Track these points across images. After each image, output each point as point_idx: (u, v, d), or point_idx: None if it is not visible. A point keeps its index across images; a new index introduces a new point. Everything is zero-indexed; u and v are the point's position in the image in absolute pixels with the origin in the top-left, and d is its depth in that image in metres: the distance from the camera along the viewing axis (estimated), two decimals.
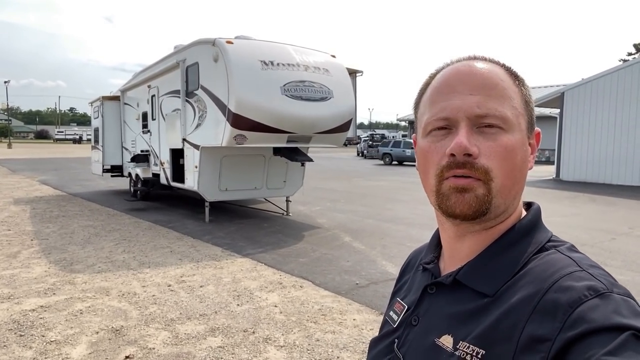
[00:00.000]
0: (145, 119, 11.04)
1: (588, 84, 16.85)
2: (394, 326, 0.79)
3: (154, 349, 3.54)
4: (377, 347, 0.81)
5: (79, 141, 68.71)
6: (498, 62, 0.74)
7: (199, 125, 8.15)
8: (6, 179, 16.78)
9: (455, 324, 0.68)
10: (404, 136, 38.45)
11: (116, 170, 13.32)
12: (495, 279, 0.67)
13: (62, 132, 79.00)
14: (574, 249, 0.70)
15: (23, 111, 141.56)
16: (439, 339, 0.68)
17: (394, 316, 0.81)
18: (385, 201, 11.58)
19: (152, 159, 10.85)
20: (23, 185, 14.69)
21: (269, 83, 7.23)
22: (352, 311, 4.35)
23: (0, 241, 6.98)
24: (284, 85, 7.30)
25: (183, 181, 9.02)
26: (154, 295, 4.70)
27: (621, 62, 28.97)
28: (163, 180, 10.20)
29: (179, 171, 9.27)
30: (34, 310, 4.28)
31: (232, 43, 7.30)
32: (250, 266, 5.80)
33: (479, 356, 0.62)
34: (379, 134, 38.33)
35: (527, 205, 0.77)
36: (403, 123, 59.02)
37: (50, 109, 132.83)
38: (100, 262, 5.92)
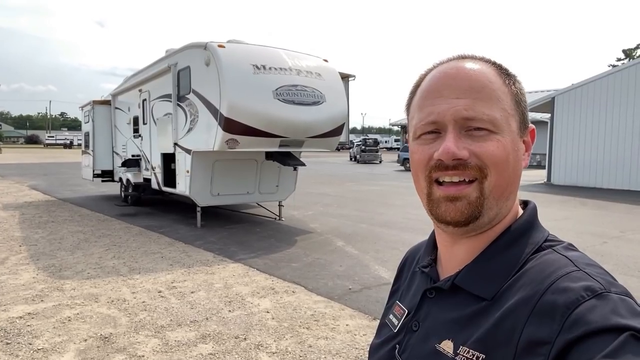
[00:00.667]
0: (136, 123, 10.98)
1: (578, 89, 17.03)
2: (395, 331, 0.79)
3: (143, 356, 3.48)
4: (379, 353, 0.81)
5: (69, 146, 68.34)
6: (488, 61, 0.73)
7: (190, 130, 8.10)
8: None
9: (455, 329, 0.67)
10: (396, 141, 38.53)
11: (107, 175, 13.24)
12: (493, 282, 0.67)
13: (53, 137, 78.93)
14: (571, 247, 0.69)
15: (13, 116, 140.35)
16: (440, 344, 0.68)
17: (394, 320, 0.81)
18: (378, 205, 11.58)
19: (143, 163, 10.78)
20: (12, 191, 14.52)
21: (261, 87, 7.21)
22: (345, 316, 4.32)
23: None
24: (276, 90, 7.28)
25: (174, 186, 8.96)
26: (144, 302, 4.64)
27: (611, 68, 29.35)
28: (154, 185, 10.14)
29: (170, 176, 9.21)
30: (21, 317, 4.20)
31: (224, 47, 7.28)
32: (242, 271, 5.75)
33: None
34: (371, 139, 38.41)
35: (524, 204, 0.77)
36: (396, 128, 59.32)
37: (40, 114, 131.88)
38: (90, 268, 5.84)
